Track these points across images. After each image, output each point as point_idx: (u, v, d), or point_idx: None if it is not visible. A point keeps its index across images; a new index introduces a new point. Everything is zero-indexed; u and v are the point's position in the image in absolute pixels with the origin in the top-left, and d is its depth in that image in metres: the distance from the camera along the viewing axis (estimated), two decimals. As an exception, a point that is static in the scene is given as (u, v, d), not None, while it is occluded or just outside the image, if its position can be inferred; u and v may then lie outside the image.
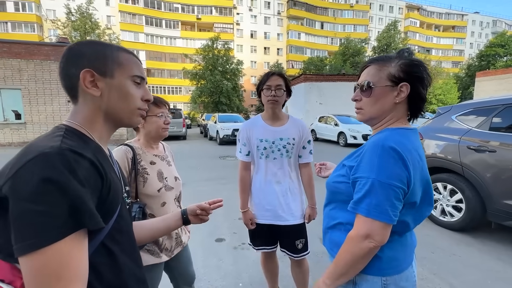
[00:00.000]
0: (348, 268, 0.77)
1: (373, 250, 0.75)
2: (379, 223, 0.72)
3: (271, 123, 1.60)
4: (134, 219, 1.07)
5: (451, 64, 48.04)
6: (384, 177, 0.72)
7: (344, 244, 0.79)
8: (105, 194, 0.55)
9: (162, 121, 1.25)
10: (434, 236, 2.94)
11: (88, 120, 0.62)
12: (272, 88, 1.50)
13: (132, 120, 0.67)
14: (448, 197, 3.13)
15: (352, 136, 10.61)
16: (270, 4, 41.46)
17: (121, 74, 0.63)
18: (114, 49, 0.64)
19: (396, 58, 0.81)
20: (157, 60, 36.94)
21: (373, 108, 0.83)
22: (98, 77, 0.60)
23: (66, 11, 23.19)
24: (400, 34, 33.76)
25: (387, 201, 0.72)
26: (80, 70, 0.58)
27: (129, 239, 0.67)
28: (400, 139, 0.76)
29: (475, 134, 2.88)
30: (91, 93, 0.60)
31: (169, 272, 1.40)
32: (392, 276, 0.80)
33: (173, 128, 13.05)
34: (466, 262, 2.43)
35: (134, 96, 0.65)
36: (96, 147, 0.61)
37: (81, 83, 0.59)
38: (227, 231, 3.10)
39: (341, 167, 0.89)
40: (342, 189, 0.85)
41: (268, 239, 1.70)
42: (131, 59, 0.66)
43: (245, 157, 1.63)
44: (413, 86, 0.79)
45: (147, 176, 1.19)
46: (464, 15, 51.21)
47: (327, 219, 0.95)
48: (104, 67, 0.61)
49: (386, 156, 0.73)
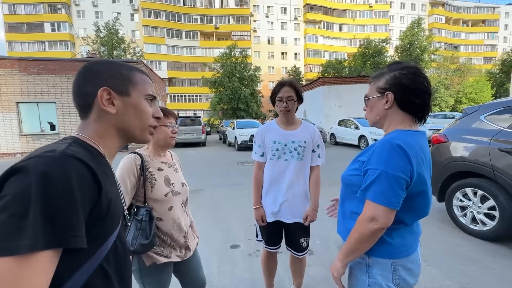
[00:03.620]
0: (356, 246, 0.91)
1: (378, 231, 0.87)
2: (383, 208, 0.85)
3: (284, 127, 1.73)
4: (141, 222, 1.11)
5: (483, 60, 44.97)
6: (390, 169, 0.85)
7: (355, 226, 0.92)
8: (103, 210, 0.53)
9: (170, 130, 1.30)
10: (464, 246, 2.71)
11: (99, 135, 0.63)
12: (284, 100, 1.63)
13: (144, 137, 0.70)
14: (479, 203, 2.88)
15: (373, 139, 10.21)
16: (287, 9, 41.65)
17: (136, 93, 0.66)
18: (129, 69, 0.67)
19: (388, 72, 0.97)
20: (178, 69, 38.39)
21: (370, 115, 1.04)
22: (115, 96, 0.62)
23: (95, 28, 24.93)
24: (424, 31, 32.23)
25: (391, 189, 0.85)
26: (97, 88, 0.60)
27: (125, 263, 0.65)
28: (407, 138, 0.89)
29: (508, 135, 2.64)
30: (108, 111, 0.62)
31: (180, 277, 1.42)
32: (401, 259, 0.94)
33: (193, 135, 13.42)
34: (503, 277, 2.20)
35: (148, 114, 0.68)
36: (103, 162, 0.61)
37: (99, 100, 0.60)
38: (243, 237, 3.09)
39: (355, 162, 1.02)
40: (354, 181, 0.98)
41: (274, 238, 1.80)
42: (144, 79, 0.69)
43: (260, 157, 1.76)
44: (397, 94, 0.94)
45: (155, 182, 1.23)
46: (496, 8, 47.89)
47: (343, 210, 1.08)
48: (121, 86, 0.63)
49: (393, 152, 0.86)
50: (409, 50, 30.53)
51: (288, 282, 2.17)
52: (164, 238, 1.25)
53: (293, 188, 1.69)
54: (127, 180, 1.16)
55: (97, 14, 35.56)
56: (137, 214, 1.14)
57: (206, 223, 3.50)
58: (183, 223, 1.31)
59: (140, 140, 0.70)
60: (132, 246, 1.09)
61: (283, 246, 1.87)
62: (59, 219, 0.44)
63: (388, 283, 0.93)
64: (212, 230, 3.31)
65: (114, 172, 0.71)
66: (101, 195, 0.53)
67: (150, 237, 1.12)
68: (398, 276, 0.93)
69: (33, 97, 11.52)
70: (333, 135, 13.12)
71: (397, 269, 0.93)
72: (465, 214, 3.03)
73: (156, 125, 0.72)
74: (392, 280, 0.93)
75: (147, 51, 34.48)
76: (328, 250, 2.74)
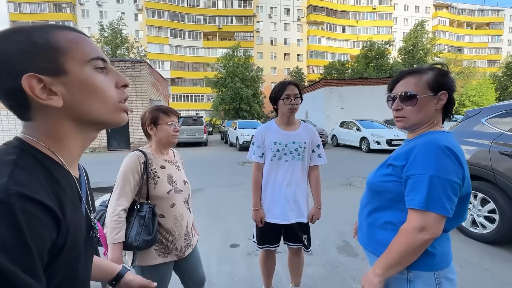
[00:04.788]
0: (401, 259, 0.82)
1: (427, 242, 0.80)
2: (435, 216, 0.78)
3: (284, 127, 1.72)
4: (144, 219, 1.13)
5: (487, 63, 44.70)
6: (442, 173, 0.78)
7: (398, 237, 0.84)
8: (60, 246, 0.42)
9: (172, 129, 1.32)
10: (463, 249, 2.71)
11: (53, 137, 0.47)
12: (292, 97, 1.63)
13: (114, 119, 0.51)
14: (479, 206, 2.88)
15: (375, 141, 10.19)
16: (290, 10, 41.69)
17: (73, 64, 0.45)
18: (43, 32, 0.44)
19: (429, 69, 0.91)
20: (181, 69, 38.55)
21: (417, 116, 0.91)
22: (49, 80, 0.43)
23: (99, 27, 25.10)
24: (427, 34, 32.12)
25: (445, 195, 0.78)
26: (18, 78, 0.41)
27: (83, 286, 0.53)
28: (450, 140, 0.84)
29: (508, 138, 2.64)
30: (51, 105, 0.43)
31: (179, 274, 1.45)
32: (443, 270, 0.86)
33: (195, 135, 13.46)
34: (501, 280, 2.21)
35: (106, 88, 0.48)
36: (61, 174, 0.46)
37: (30, 94, 0.41)
38: (242, 237, 3.11)
39: (385, 167, 0.94)
40: (390, 188, 0.90)
41: (273, 238, 1.80)
42: (74, 38, 0.46)
43: (259, 158, 1.75)
44: (449, 93, 0.89)
45: (158, 179, 1.25)
46: (500, 10, 47.62)
47: (369, 219, 0.99)
48: (47, 61, 0.43)
49: (442, 154, 0.79)
50: (412, 52, 30.46)
51: (286, 281, 2.18)
52: (166, 235, 1.27)
53: (294, 189, 1.69)
54: (131, 177, 1.18)
55: (102, 13, 35.81)
56: (141, 211, 1.17)
57: (207, 222, 3.52)
58: (185, 220, 1.34)
59: (113, 125, 0.51)
60: (136, 242, 1.12)
61: (281, 246, 1.89)
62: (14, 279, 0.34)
63: None
64: (212, 229, 3.33)
65: (82, 174, 0.57)
66: (59, 233, 0.41)
67: (153, 233, 1.14)
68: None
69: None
70: (335, 137, 13.10)
71: (441, 281, 0.85)
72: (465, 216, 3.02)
73: (126, 96, 0.52)
74: None
75: (150, 51, 34.62)
76: (327, 251, 2.75)
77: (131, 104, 12.70)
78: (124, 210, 1.15)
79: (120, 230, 1.12)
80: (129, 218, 1.17)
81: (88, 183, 0.62)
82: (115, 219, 1.12)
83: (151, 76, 14.06)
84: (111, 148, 12.78)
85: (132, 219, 1.15)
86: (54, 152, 0.47)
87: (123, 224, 1.14)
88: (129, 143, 12.88)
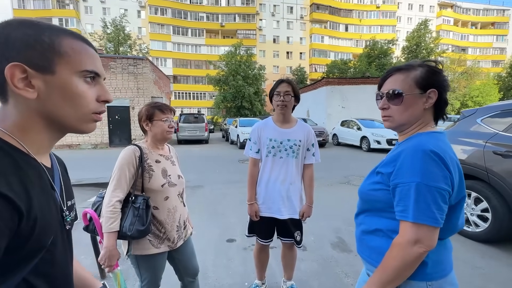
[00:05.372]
0: (397, 274, 0.77)
1: (423, 255, 0.75)
2: (427, 227, 0.73)
3: (280, 125, 1.77)
4: (138, 210, 1.19)
5: (491, 64, 44.31)
6: (429, 180, 0.73)
7: (391, 251, 0.79)
8: (26, 233, 0.44)
9: (167, 125, 1.38)
10: (456, 247, 2.70)
11: (21, 127, 0.48)
12: (281, 94, 1.68)
13: (81, 127, 0.53)
14: (472, 205, 2.92)
15: (375, 140, 10.21)
16: (293, 9, 41.52)
17: (65, 68, 0.48)
18: (54, 34, 0.48)
19: (419, 65, 0.85)
20: (183, 67, 38.61)
21: (403, 115, 0.85)
22: (33, 73, 0.46)
23: (102, 24, 25.17)
24: (431, 33, 31.89)
25: (434, 204, 0.73)
26: (5, 63, 0.44)
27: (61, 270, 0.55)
28: (437, 142, 0.78)
29: (502, 138, 2.67)
30: (23, 95, 0.46)
31: (173, 264, 1.51)
32: (437, 280, 0.81)
33: (196, 132, 13.53)
34: (490, 277, 2.25)
35: (85, 98, 0.51)
36: (27, 164, 0.48)
37: (9, 81, 0.44)
38: (239, 232, 3.17)
39: (374, 175, 0.90)
40: (379, 197, 0.86)
41: (266, 232, 1.85)
42: (79, 48, 0.50)
43: (255, 154, 1.80)
44: (440, 92, 0.83)
45: (152, 173, 1.31)
46: (506, 10, 47.10)
47: (362, 226, 0.95)
48: (41, 59, 0.46)
49: (428, 159, 0.74)
50: (415, 51, 30.27)
51: (279, 275, 2.24)
52: (159, 227, 1.33)
53: (289, 185, 1.74)
54: (126, 170, 1.24)
55: (105, 10, 35.90)
56: (135, 202, 1.23)
57: (204, 218, 3.59)
58: (178, 212, 1.39)
59: (79, 131, 0.53)
60: (130, 231, 1.18)
61: (275, 241, 1.94)
62: None
63: None
64: (210, 224, 3.39)
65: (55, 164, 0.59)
66: (21, 221, 0.43)
67: (146, 224, 1.20)
68: None
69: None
70: (336, 136, 13.12)
71: None
72: (459, 215, 3.06)
73: (103, 111, 0.54)
74: None
75: (152, 48, 34.70)
76: (321, 247, 2.80)
77: (133, 101, 12.79)
78: (119, 201, 1.21)
79: (115, 220, 1.18)
80: (124, 209, 1.23)
81: (65, 173, 0.63)
82: (111, 209, 1.18)
83: (153, 73, 14.13)
84: (113, 145, 12.88)
85: (127, 210, 1.21)
86: (20, 143, 0.48)
87: (118, 215, 1.20)
88: (131, 140, 12.97)
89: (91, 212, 1.24)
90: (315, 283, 2.18)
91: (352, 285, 2.14)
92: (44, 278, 0.50)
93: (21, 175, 0.45)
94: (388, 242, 0.84)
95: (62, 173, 0.61)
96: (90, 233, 1.33)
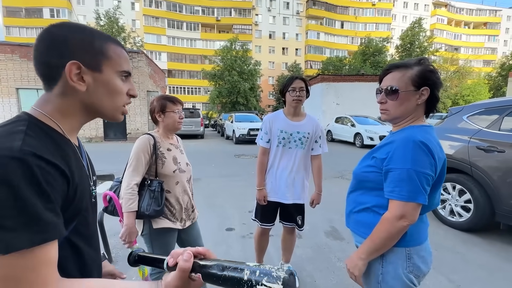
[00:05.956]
0: (383, 244, 0.93)
1: (406, 228, 0.90)
2: (412, 205, 0.88)
3: (291, 118, 1.90)
4: (154, 192, 1.31)
5: (482, 63, 45.23)
6: (418, 167, 0.87)
7: (380, 225, 0.93)
8: (71, 197, 0.53)
9: (178, 116, 1.49)
10: (440, 235, 2.96)
11: (62, 112, 0.58)
12: (297, 89, 1.81)
13: (115, 117, 0.64)
14: (457, 197, 3.12)
15: (368, 137, 10.45)
16: (289, 4, 41.38)
17: (109, 68, 0.59)
18: (103, 40, 0.59)
19: (415, 64, 0.96)
20: (178, 61, 38.24)
21: (398, 109, 0.97)
22: (85, 71, 0.56)
23: (95, 16, 24.69)
24: (425, 32, 32.33)
25: (421, 186, 0.87)
26: (65, 60, 0.53)
27: (92, 230, 0.67)
28: (425, 134, 0.91)
29: (485, 135, 2.87)
30: (77, 88, 0.56)
31: (182, 244, 1.64)
32: (414, 247, 0.96)
33: (191, 127, 13.53)
34: (469, 260, 2.46)
35: (121, 93, 0.62)
36: (64, 142, 0.56)
37: (67, 75, 0.54)
38: (237, 222, 3.31)
39: (369, 158, 1.03)
40: (370, 178, 1.00)
41: (270, 216, 2.00)
42: (119, 53, 0.62)
43: (266, 143, 1.93)
44: (432, 90, 0.94)
45: (165, 160, 1.43)
46: (498, 11, 47.98)
47: (353, 204, 1.09)
48: (93, 60, 0.57)
49: (418, 149, 0.88)
50: (409, 50, 30.65)
51: (277, 259, 2.39)
52: (171, 208, 1.45)
53: (295, 174, 1.89)
54: (142, 156, 1.35)
55: (98, 1, 35.12)
56: (151, 186, 1.35)
57: (204, 209, 3.71)
58: (187, 196, 1.52)
59: (109, 119, 0.64)
60: (147, 211, 1.30)
61: (273, 229, 2.08)
62: (37, 220, 0.44)
63: (403, 270, 0.95)
64: (209, 215, 3.52)
65: (80, 144, 0.67)
66: (69, 187, 0.52)
67: (162, 205, 1.33)
68: (412, 263, 0.95)
69: (33, 84, 11.57)
70: (330, 132, 13.34)
71: (412, 257, 0.95)
72: (444, 206, 3.27)
73: (129, 103, 0.66)
74: (406, 267, 0.95)
75: (147, 41, 34.22)
76: (316, 235, 2.97)
77: (128, 94, 12.69)
78: (137, 184, 1.33)
79: (133, 201, 1.30)
80: (141, 192, 1.35)
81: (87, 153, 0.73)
82: (130, 191, 1.30)
83: (148, 67, 14.03)
84: (108, 139, 12.81)
85: (144, 192, 1.33)
86: (58, 124, 0.57)
87: (136, 196, 1.31)
88: (126, 134, 12.93)
89: (111, 194, 1.35)
90: (310, 267, 2.35)
91: (344, 268, 2.31)
92: (82, 237, 0.60)
93: (61, 151, 0.53)
94: (374, 217, 1.00)
95: (86, 153, 0.72)
96: (109, 214, 1.44)
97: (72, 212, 0.55)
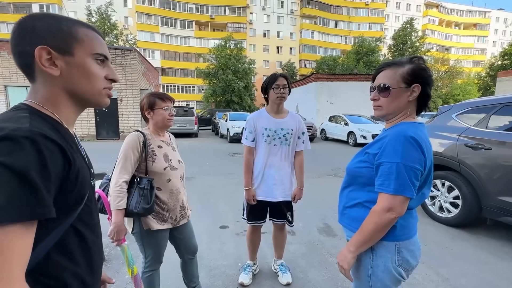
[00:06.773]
0: (371, 236, 0.95)
1: (393, 221, 0.92)
2: (400, 198, 0.90)
3: (274, 115, 1.91)
4: (143, 190, 1.31)
5: (472, 64, 46.16)
6: (407, 161, 0.89)
7: (368, 217, 0.95)
8: (73, 181, 0.55)
9: (167, 113, 1.48)
10: (430, 231, 3.03)
11: (50, 100, 0.59)
12: (280, 87, 1.82)
13: (99, 101, 0.64)
14: (446, 193, 3.20)
15: (361, 135, 10.57)
16: (284, 3, 41.38)
17: (82, 51, 0.59)
18: (70, 24, 0.59)
19: (407, 63, 0.98)
20: (172, 59, 37.86)
21: (390, 106, 1.00)
22: (56, 55, 0.57)
23: (86, 12, 24.23)
24: (417, 32, 32.80)
25: (410, 180, 0.89)
26: (34, 47, 0.54)
27: (97, 222, 0.70)
28: (416, 131, 0.93)
29: (473, 132, 2.94)
30: (50, 72, 0.57)
31: (174, 243, 1.63)
32: (404, 241, 0.98)
33: (185, 126, 13.44)
34: (457, 254, 2.52)
35: (98, 76, 0.62)
36: (63, 130, 0.59)
37: (37, 61, 0.55)
38: (231, 220, 3.32)
39: (362, 154, 1.05)
40: (363, 173, 1.02)
41: (261, 214, 2.00)
42: (90, 35, 0.61)
43: (251, 143, 1.92)
44: (423, 87, 0.96)
45: (155, 157, 1.43)
46: (487, 12, 49.03)
47: (346, 199, 1.11)
48: (62, 43, 0.57)
49: (408, 144, 0.90)
50: (401, 49, 31.07)
51: (270, 256, 2.41)
52: (162, 206, 1.45)
53: (282, 171, 1.90)
54: (131, 154, 1.34)
55: (89, -3, 34.44)
56: (140, 183, 1.34)
57: (198, 207, 3.71)
58: (181, 194, 1.52)
59: (96, 105, 0.65)
60: (136, 209, 1.29)
61: (265, 226, 2.10)
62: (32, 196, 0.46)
63: (392, 264, 0.97)
64: (203, 213, 3.52)
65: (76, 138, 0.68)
66: (70, 170, 0.54)
67: (151, 203, 1.32)
68: (402, 257, 0.97)
69: (22, 81, 11.29)
70: (324, 131, 13.43)
71: (401, 251, 0.97)
72: (434, 203, 3.34)
73: (111, 87, 0.66)
74: (395, 261, 0.97)
75: (140, 39, 33.77)
76: (308, 232, 3.00)
77: (121, 93, 12.53)
78: (126, 182, 1.32)
79: (122, 198, 1.29)
80: (130, 190, 1.33)
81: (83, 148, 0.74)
82: (118, 189, 1.29)
83: (141, 65, 13.86)
84: (100, 137, 12.62)
85: (133, 190, 1.32)
86: (54, 113, 0.59)
87: (124, 194, 1.30)
88: (119, 133, 12.76)
89: (99, 191, 1.34)
90: (302, 263, 2.37)
91: (336, 264, 2.34)
92: (86, 225, 0.63)
93: (62, 138, 0.55)
94: (365, 212, 1.02)
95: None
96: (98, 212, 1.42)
97: (75, 197, 0.57)
